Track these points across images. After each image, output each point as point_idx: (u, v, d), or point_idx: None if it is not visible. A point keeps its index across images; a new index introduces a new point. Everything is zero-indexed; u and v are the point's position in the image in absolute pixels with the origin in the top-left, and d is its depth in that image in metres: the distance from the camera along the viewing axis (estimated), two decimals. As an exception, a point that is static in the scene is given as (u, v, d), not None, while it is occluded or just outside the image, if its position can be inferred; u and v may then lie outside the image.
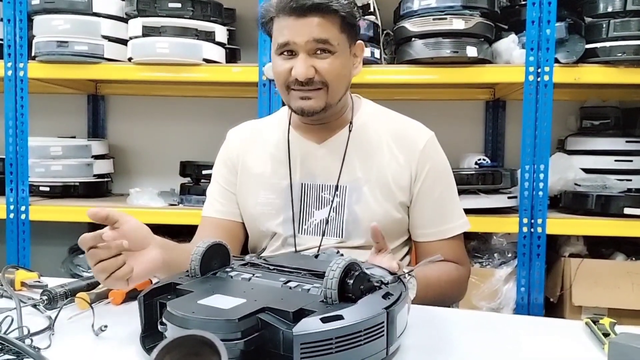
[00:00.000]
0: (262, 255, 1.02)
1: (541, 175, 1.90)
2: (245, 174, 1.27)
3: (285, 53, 1.12)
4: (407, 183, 1.20)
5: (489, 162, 2.18)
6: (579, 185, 2.08)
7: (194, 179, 2.21)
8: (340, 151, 1.21)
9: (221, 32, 2.07)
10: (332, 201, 1.20)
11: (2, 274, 1.08)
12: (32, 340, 0.80)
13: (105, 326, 0.86)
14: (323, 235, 1.20)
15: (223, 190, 1.30)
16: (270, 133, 1.29)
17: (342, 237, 1.20)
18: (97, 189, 2.35)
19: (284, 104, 1.27)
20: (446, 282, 1.18)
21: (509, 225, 1.94)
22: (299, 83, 1.11)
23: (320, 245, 1.18)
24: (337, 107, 1.19)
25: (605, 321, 0.90)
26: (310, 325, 0.67)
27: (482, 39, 1.90)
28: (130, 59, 2.04)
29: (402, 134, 1.23)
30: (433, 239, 1.22)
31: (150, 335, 0.81)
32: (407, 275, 0.91)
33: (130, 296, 1.03)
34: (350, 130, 1.22)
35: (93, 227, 2.91)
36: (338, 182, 1.20)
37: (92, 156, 2.31)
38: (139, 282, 0.93)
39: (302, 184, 1.22)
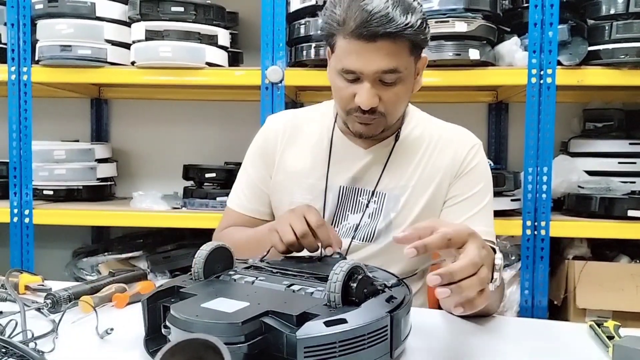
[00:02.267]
0: (264, 258, 1.01)
1: (544, 178, 1.90)
2: (282, 169, 1.25)
3: (350, 76, 1.07)
4: (447, 185, 1.19)
5: (492, 164, 2.17)
6: (583, 188, 2.07)
7: (197, 182, 2.21)
8: (384, 158, 1.20)
9: (224, 36, 2.07)
10: (368, 206, 1.19)
11: (6, 277, 1.08)
12: (36, 344, 0.81)
13: (112, 329, 0.86)
14: (353, 238, 1.19)
15: (252, 185, 1.28)
16: (311, 128, 1.26)
17: (371, 241, 1.19)
18: (100, 193, 2.35)
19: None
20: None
21: (513, 227, 1.93)
22: (361, 110, 1.08)
23: (349, 248, 1.17)
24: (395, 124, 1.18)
25: (610, 324, 0.90)
26: (314, 328, 0.67)
27: (485, 42, 1.90)
28: (133, 63, 2.05)
29: (450, 139, 1.22)
30: None
31: (153, 338, 0.81)
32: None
33: (134, 299, 1.03)
34: (396, 139, 1.20)
35: (98, 230, 2.90)
36: (378, 188, 1.19)
37: (96, 160, 2.31)
38: None
39: (340, 186, 1.21)
